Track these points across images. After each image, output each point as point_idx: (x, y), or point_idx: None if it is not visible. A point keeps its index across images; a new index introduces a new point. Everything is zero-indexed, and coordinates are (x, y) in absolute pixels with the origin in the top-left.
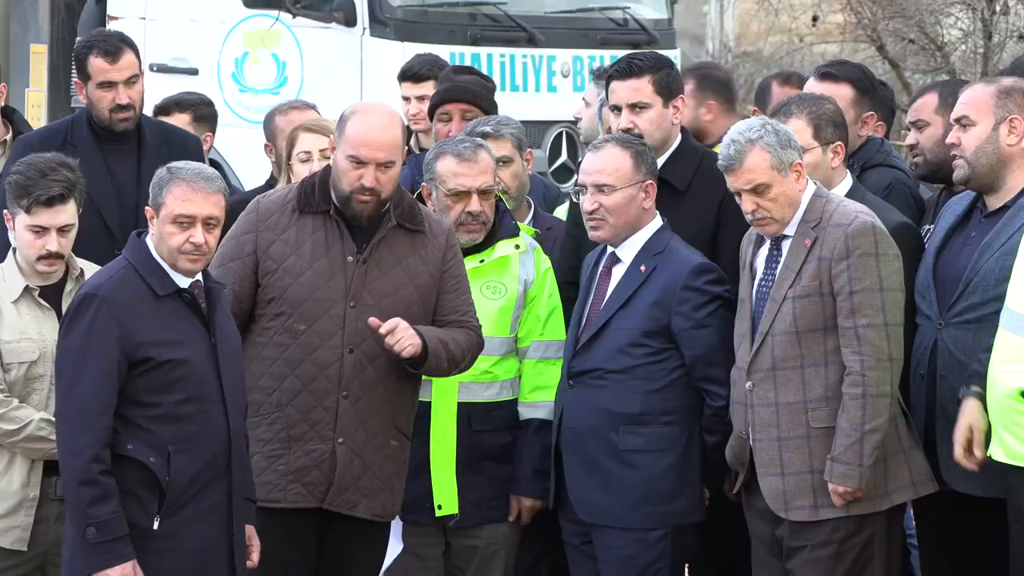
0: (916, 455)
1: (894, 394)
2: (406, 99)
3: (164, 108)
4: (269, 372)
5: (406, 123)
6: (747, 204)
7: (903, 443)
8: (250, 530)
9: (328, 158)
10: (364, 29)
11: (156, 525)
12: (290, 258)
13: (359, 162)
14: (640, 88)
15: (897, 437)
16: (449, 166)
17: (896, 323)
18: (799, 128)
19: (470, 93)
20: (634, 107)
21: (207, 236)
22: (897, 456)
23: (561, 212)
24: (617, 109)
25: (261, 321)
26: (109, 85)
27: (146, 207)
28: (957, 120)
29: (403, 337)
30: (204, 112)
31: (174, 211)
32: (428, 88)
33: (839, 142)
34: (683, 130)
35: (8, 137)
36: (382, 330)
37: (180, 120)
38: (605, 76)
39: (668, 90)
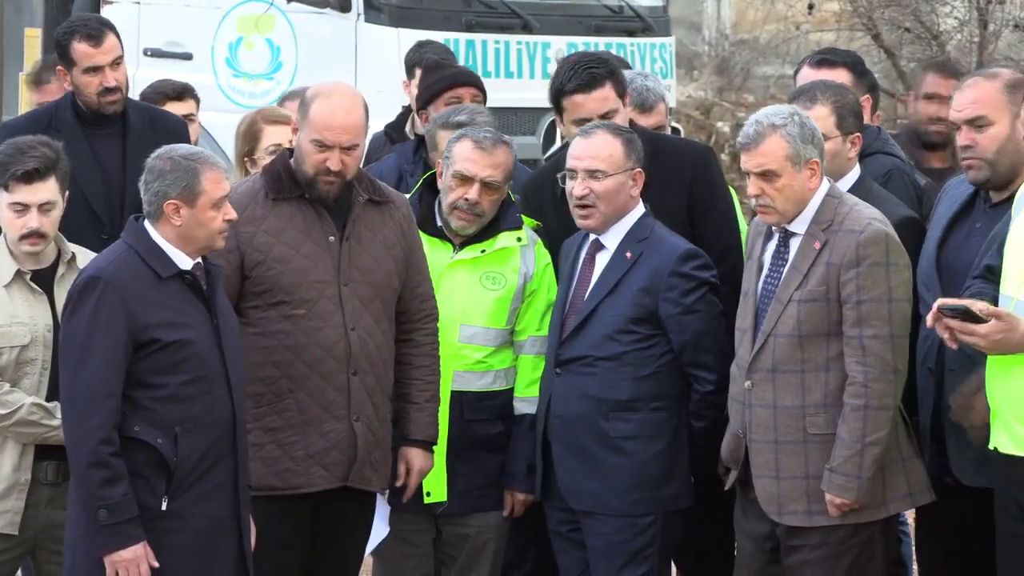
0: (915, 464)
1: (896, 406)
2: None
3: (178, 94)
4: (270, 361)
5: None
6: (752, 187)
7: (902, 452)
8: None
9: None
10: (359, 15)
11: (164, 506)
12: (276, 247)
13: (324, 146)
14: (607, 96)
15: (896, 445)
16: (464, 149)
17: (902, 335)
18: (823, 115)
19: (475, 77)
20: (604, 116)
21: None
22: (895, 465)
23: None
24: (585, 122)
25: (253, 313)
26: (95, 70)
27: (168, 202)
28: (970, 121)
29: (420, 471)
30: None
31: (215, 196)
32: None
33: (857, 133)
34: None
35: None
36: (408, 492)
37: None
38: (556, 92)
39: (623, 87)
